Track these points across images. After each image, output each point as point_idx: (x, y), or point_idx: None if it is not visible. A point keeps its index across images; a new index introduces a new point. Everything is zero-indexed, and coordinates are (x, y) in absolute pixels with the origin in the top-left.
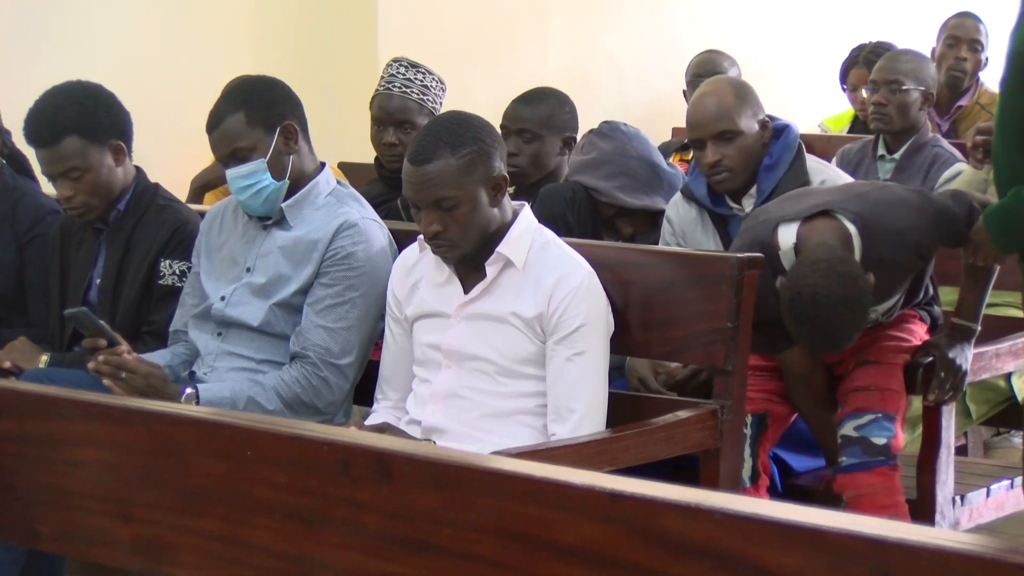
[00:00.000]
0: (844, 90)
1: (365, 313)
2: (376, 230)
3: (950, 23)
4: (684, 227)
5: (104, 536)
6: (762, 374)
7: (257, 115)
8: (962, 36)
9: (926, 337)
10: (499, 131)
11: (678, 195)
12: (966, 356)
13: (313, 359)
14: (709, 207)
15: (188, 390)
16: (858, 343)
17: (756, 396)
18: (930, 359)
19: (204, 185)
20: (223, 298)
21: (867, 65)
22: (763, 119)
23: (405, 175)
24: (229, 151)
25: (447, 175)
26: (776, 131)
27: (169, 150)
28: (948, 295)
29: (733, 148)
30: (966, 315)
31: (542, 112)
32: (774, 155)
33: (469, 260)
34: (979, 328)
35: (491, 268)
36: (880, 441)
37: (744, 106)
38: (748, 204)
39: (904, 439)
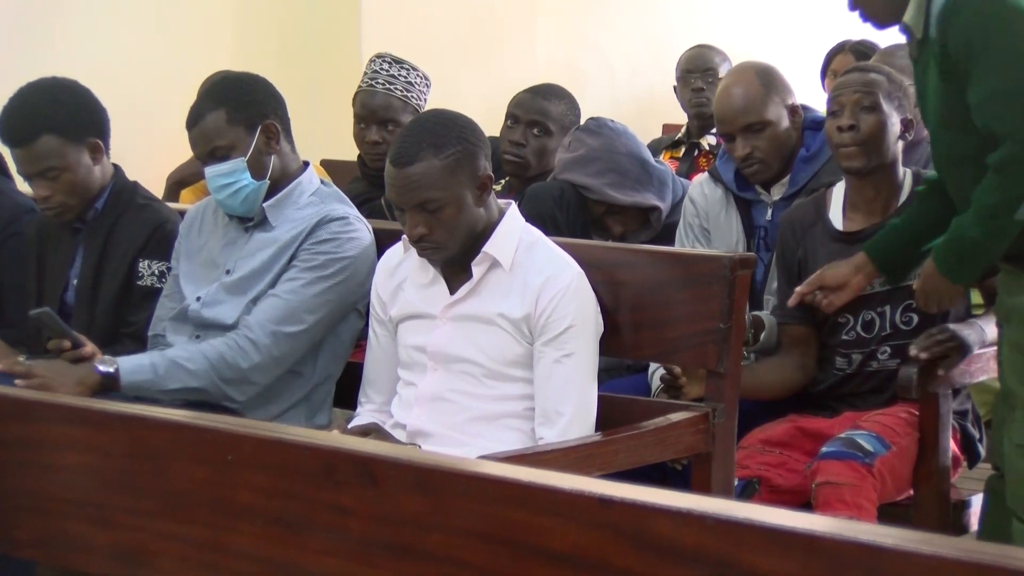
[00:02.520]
0: (823, 79)
1: (327, 298)
2: (361, 227)
3: None
4: (708, 208)
5: (82, 542)
6: (760, 447)
7: (238, 113)
8: None
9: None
10: (505, 119)
11: (704, 176)
12: (973, 341)
13: (250, 323)
14: (734, 191)
15: (102, 368)
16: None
17: (752, 464)
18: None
19: (180, 181)
20: (199, 299)
21: (854, 54)
22: (792, 104)
23: (388, 177)
24: (208, 149)
25: (431, 177)
26: (817, 123)
27: (148, 148)
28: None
29: (763, 139)
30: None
31: (559, 109)
32: (811, 147)
33: (455, 261)
34: (990, 335)
35: (477, 268)
36: (865, 445)
37: (771, 94)
38: (778, 192)
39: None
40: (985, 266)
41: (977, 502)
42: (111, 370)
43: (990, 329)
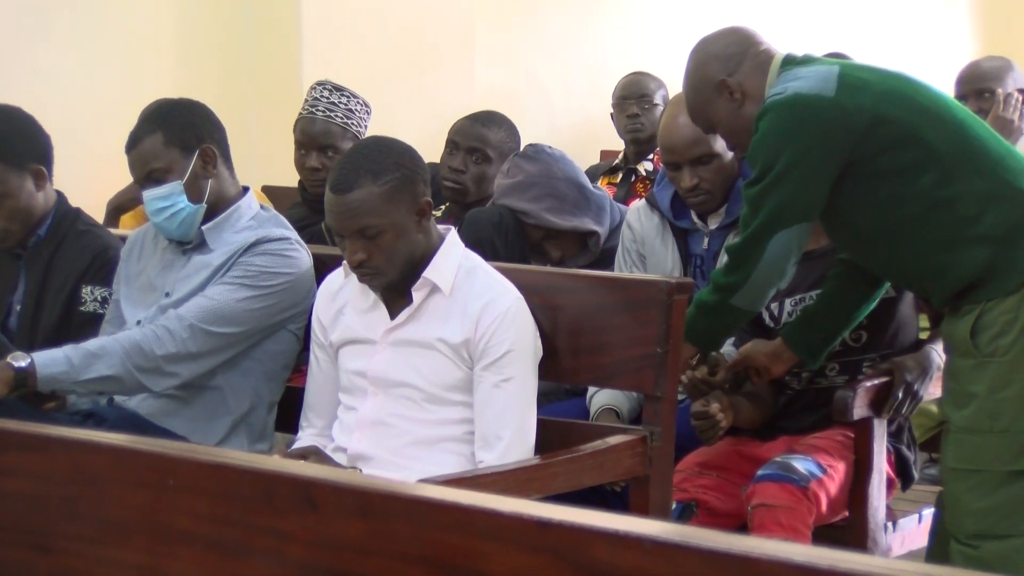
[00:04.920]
0: None
1: (251, 307)
2: (300, 250)
3: (961, 76)
4: (644, 234)
5: (21, 569)
6: (696, 470)
7: (175, 136)
8: (968, 92)
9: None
10: (445, 146)
11: (642, 202)
12: (926, 383)
13: (170, 314)
14: (670, 220)
15: (16, 363)
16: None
17: (689, 487)
18: (888, 378)
19: (119, 207)
20: (139, 323)
21: None
22: None
23: (327, 204)
24: (145, 172)
25: (370, 203)
26: None
27: (90, 174)
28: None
29: (710, 170)
30: (938, 343)
31: (499, 136)
32: (748, 175)
33: (395, 286)
34: (943, 359)
35: (417, 293)
36: (801, 468)
37: None
38: (714, 222)
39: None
40: (714, 336)
41: (909, 524)
42: (24, 364)
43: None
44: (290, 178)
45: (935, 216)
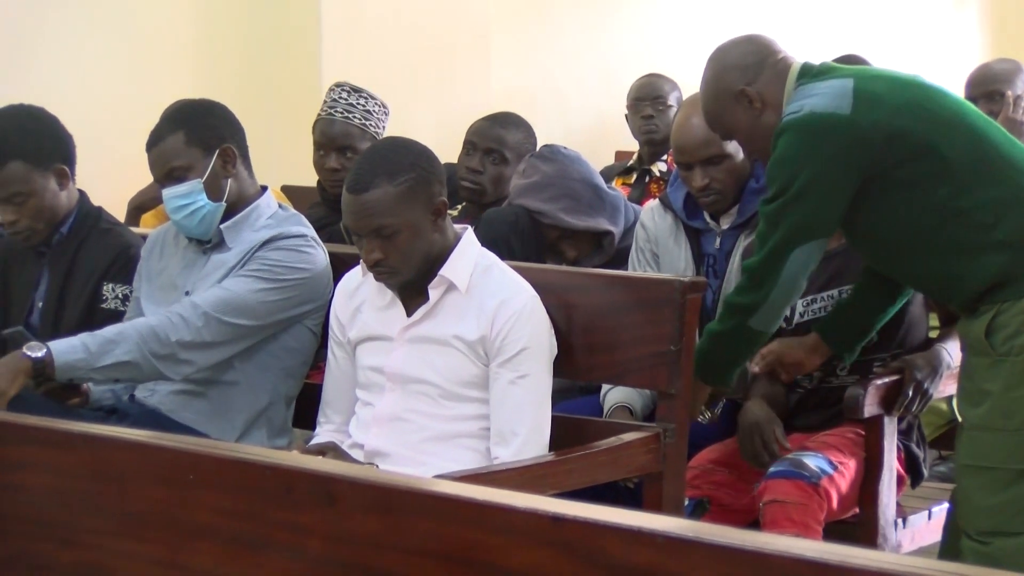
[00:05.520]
0: None
1: (265, 299)
2: (316, 248)
3: (972, 78)
4: (658, 234)
5: (44, 561)
6: (709, 467)
7: (196, 136)
8: (978, 95)
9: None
10: (463, 147)
11: (655, 202)
12: (936, 381)
13: (184, 302)
14: (683, 220)
15: (33, 354)
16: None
17: (702, 484)
18: (898, 376)
19: (140, 206)
20: None
21: None
22: None
23: (344, 204)
24: (166, 170)
25: (385, 203)
26: None
27: (112, 174)
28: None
29: (722, 171)
30: (948, 342)
31: (516, 137)
32: (761, 179)
33: (412, 284)
34: (955, 359)
35: (434, 291)
36: (812, 465)
37: None
38: (726, 222)
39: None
40: (728, 367)
41: (919, 521)
42: (40, 355)
43: (954, 352)
44: (309, 178)
45: (952, 225)
